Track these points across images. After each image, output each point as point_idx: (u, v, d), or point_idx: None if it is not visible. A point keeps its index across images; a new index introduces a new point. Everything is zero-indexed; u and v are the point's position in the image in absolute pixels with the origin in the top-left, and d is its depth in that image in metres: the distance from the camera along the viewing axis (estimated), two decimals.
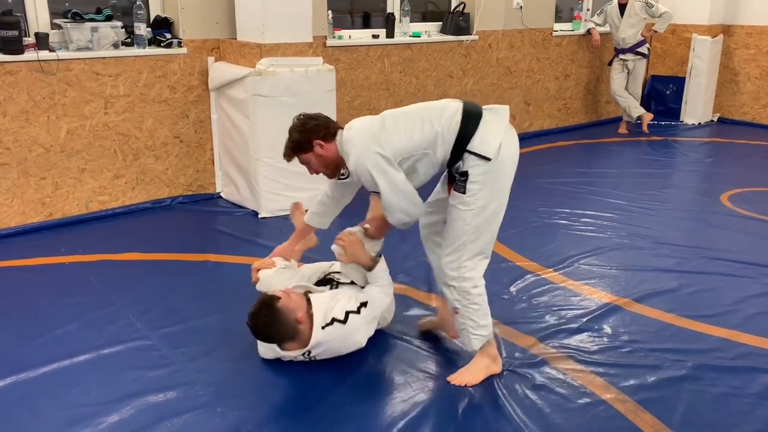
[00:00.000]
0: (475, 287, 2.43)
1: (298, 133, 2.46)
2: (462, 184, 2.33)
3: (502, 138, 2.32)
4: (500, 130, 2.35)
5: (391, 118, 2.40)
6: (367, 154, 2.31)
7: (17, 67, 3.76)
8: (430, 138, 2.33)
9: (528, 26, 6.31)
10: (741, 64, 7.28)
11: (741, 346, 2.78)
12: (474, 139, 2.31)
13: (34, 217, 4.01)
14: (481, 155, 2.30)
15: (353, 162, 2.34)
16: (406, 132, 2.34)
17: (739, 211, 4.50)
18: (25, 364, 2.57)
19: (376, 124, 2.38)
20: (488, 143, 2.31)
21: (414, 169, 2.38)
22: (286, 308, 2.44)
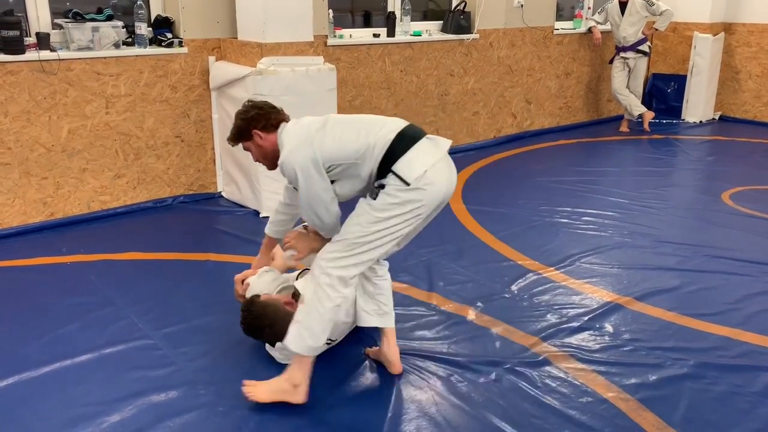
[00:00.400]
0: (332, 288, 2.25)
1: (239, 120, 2.46)
2: (376, 193, 2.26)
3: (428, 167, 2.23)
4: (430, 159, 2.26)
5: (333, 123, 2.35)
6: (297, 153, 2.27)
7: (18, 67, 3.76)
8: (361, 149, 2.26)
9: (529, 25, 6.30)
10: (742, 62, 7.27)
11: (743, 344, 2.78)
12: (399, 162, 2.23)
13: (35, 216, 4.01)
14: (401, 177, 2.21)
15: (283, 156, 2.31)
16: (341, 139, 2.28)
17: (740, 209, 4.50)
18: (27, 364, 2.57)
19: (316, 125, 2.34)
20: (412, 168, 2.22)
21: (342, 177, 2.31)
22: (269, 299, 2.48)
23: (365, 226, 2.24)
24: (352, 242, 2.25)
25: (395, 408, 2.35)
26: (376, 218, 2.23)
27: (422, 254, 3.61)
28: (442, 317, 2.99)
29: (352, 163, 2.28)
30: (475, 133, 6.18)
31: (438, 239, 3.84)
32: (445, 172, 2.31)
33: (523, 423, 2.27)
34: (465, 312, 3.04)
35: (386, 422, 2.28)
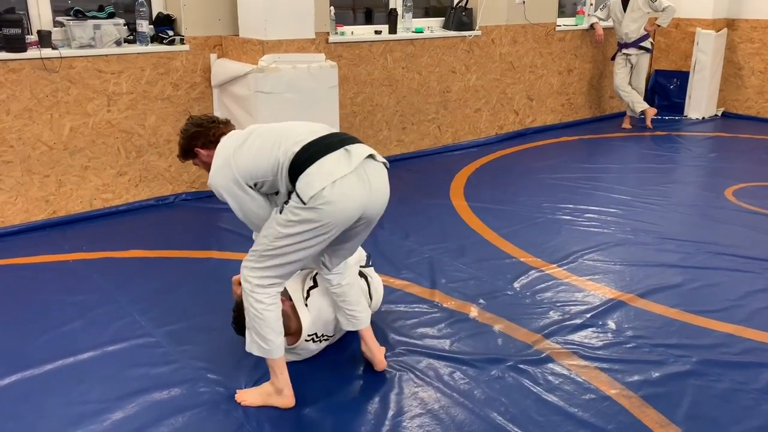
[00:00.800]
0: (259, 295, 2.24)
1: (180, 139, 2.47)
2: (281, 207, 2.19)
3: (327, 185, 2.08)
4: (332, 175, 2.10)
5: (255, 136, 2.26)
6: (218, 175, 2.24)
7: (20, 65, 3.76)
8: (274, 165, 2.17)
9: (531, 21, 6.29)
10: (745, 59, 7.25)
11: (746, 341, 2.77)
12: (301, 177, 2.11)
13: (37, 214, 4.02)
14: (298, 195, 2.10)
15: (210, 177, 2.29)
16: (256, 156, 2.20)
17: (743, 205, 4.49)
18: (29, 362, 2.58)
19: (237, 141, 2.27)
20: (310, 185, 2.09)
21: (273, 191, 2.26)
22: None
23: (271, 240, 2.18)
24: (262, 254, 2.21)
25: (398, 405, 2.35)
26: (279, 233, 2.15)
27: (424, 251, 3.61)
28: (445, 314, 2.99)
29: (272, 180, 2.20)
30: (477, 130, 6.17)
31: (440, 236, 3.83)
32: (354, 188, 2.14)
33: (525, 420, 2.27)
34: (467, 309, 3.03)
35: (389, 419, 2.27)
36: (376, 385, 2.48)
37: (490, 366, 2.58)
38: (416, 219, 4.12)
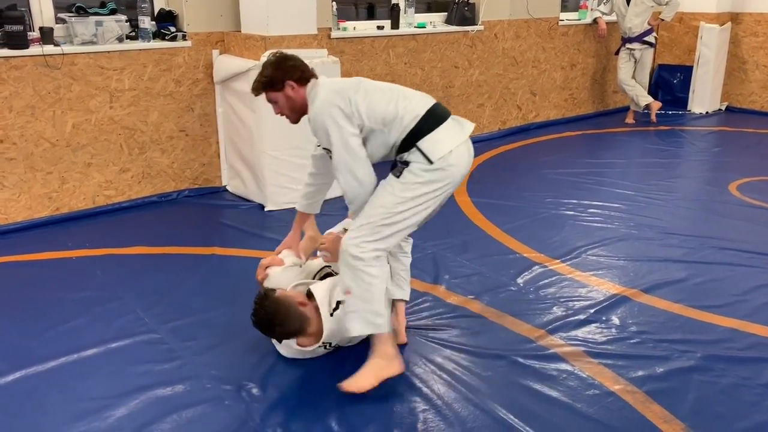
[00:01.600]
0: (370, 267, 2.28)
1: (272, 70, 2.40)
2: (400, 170, 2.30)
3: (453, 148, 2.28)
4: (455, 140, 2.31)
5: (366, 84, 2.39)
6: (328, 105, 2.29)
7: (22, 61, 3.76)
8: (390, 117, 2.29)
9: (534, 16, 6.26)
10: (749, 53, 7.22)
11: (750, 336, 2.77)
12: (425, 139, 2.28)
13: (41, 211, 4.02)
14: (426, 155, 2.26)
15: (314, 110, 2.31)
16: (372, 102, 2.31)
17: (747, 200, 4.47)
18: (33, 359, 2.58)
19: (349, 83, 2.38)
20: (437, 147, 2.27)
21: (366, 141, 2.33)
22: (284, 296, 2.45)
23: (390, 207, 2.27)
24: (379, 225, 2.28)
25: (401, 400, 2.35)
26: (402, 198, 2.27)
27: (427, 247, 3.60)
28: (448, 310, 2.99)
29: (378, 130, 2.31)
30: (480, 125, 6.16)
31: (443, 232, 3.82)
32: (466, 155, 2.36)
33: (529, 416, 2.26)
34: (470, 305, 3.03)
35: (392, 415, 2.27)
36: None
37: (493, 361, 2.58)
38: None
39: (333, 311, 2.47)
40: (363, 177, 2.31)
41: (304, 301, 2.46)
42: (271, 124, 4.14)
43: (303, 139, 4.26)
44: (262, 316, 2.43)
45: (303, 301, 2.46)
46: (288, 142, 4.23)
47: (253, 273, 3.35)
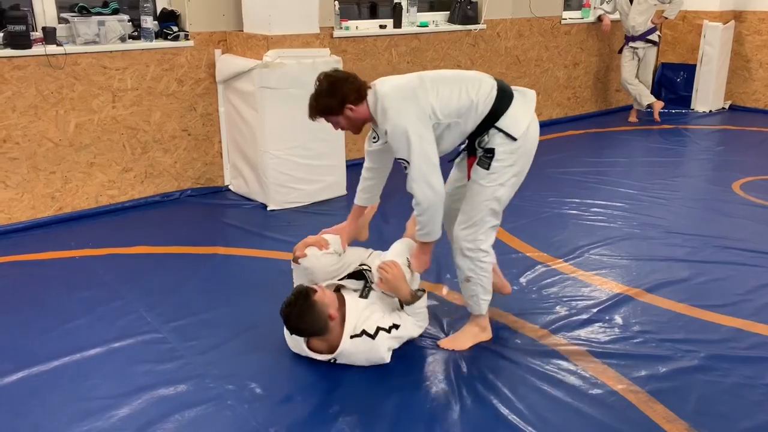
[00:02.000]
0: (487, 256, 2.56)
1: (328, 98, 2.39)
2: (487, 161, 2.40)
3: (530, 120, 2.42)
4: (528, 113, 2.44)
5: (429, 80, 2.39)
6: (404, 116, 2.30)
7: (25, 61, 3.77)
8: (465, 106, 2.35)
9: (536, 14, 6.25)
10: (753, 51, 7.20)
11: (754, 335, 2.76)
12: (504, 118, 2.38)
13: (44, 211, 4.03)
14: (509, 134, 2.37)
15: (391, 121, 2.32)
16: (444, 96, 2.35)
17: (751, 199, 4.46)
18: (36, 358, 2.58)
19: (413, 82, 2.37)
20: (517, 124, 2.39)
21: (441, 137, 2.40)
22: (321, 302, 2.41)
23: (490, 197, 2.44)
24: (487, 217, 2.47)
25: (403, 400, 2.34)
26: (499, 185, 2.43)
27: None
28: (450, 309, 2.98)
29: (454, 123, 2.37)
30: None
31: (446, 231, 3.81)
32: (536, 126, 2.48)
33: (532, 415, 2.26)
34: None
35: (395, 414, 2.27)
36: (379, 379, 2.47)
37: (496, 361, 2.58)
38: None
39: (354, 336, 2.44)
40: (438, 186, 2.37)
41: (334, 315, 2.43)
42: (273, 123, 4.15)
43: (305, 138, 4.27)
44: (293, 311, 2.40)
45: (333, 315, 2.43)
46: (290, 142, 4.23)
47: (257, 272, 3.36)
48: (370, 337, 2.44)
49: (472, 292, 2.61)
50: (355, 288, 2.66)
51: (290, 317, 2.42)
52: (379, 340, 2.44)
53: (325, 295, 2.47)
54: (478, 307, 2.64)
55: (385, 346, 2.47)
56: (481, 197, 2.45)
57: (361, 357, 2.47)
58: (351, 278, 2.72)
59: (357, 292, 2.64)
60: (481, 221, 2.48)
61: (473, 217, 2.48)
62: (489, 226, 2.51)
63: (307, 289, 2.44)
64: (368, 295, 2.62)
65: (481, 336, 2.68)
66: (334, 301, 2.49)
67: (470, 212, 2.48)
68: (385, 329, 2.47)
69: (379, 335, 2.45)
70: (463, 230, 2.51)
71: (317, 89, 2.42)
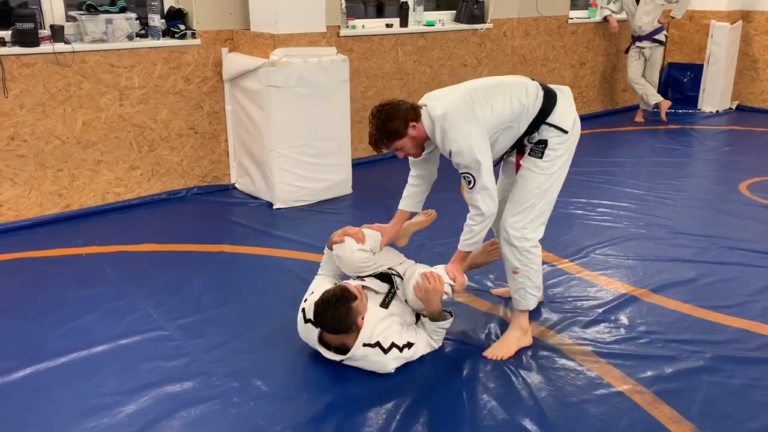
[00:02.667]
0: (536, 247, 2.59)
1: (393, 121, 2.44)
2: (540, 150, 2.52)
3: (575, 115, 2.58)
4: (573, 108, 2.60)
5: (479, 94, 2.46)
6: (469, 135, 2.38)
7: (33, 59, 3.78)
8: (518, 112, 2.47)
9: (543, 14, 6.24)
10: (760, 51, 7.17)
11: (760, 337, 2.75)
12: (554, 114, 2.51)
13: (51, 208, 4.04)
14: (560, 128, 2.51)
15: (456, 143, 2.39)
16: (497, 109, 2.45)
17: (757, 200, 4.44)
18: (43, 354, 2.60)
19: (467, 101, 2.43)
20: (567, 117, 2.54)
21: (495, 141, 2.49)
22: (356, 310, 2.41)
23: (544, 186, 2.53)
24: (537, 206, 2.54)
25: (407, 400, 2.35)
26: (550, 174, 2.53)
27: (434, 246, 3.60)
28: (456, 308, 2.98)
29: (507, 128, 2.48)
30: None
31: (451, 231, 3.79)
32: (578, 119, 2.62)
33: (537, 414, 2.26)
34: (478, 303, 3.02)
35: (399, 413, 2.27)
36: (387, 379, 2.47)
37: (501, 360, 2.58)
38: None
39: (367, 344, 2.43)
40: (497, 198, 2.50)
41: (361, 324, 2.43)
42: (279, 122, 4.16)
43: (311, 137, 4.28)
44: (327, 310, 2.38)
45: (360, 324, 2.43)
46: (297, 141, 4.23)
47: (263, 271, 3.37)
48: (383, 350, 2.43)
49: (519, 285, 2.62)
50: (377, 290, 2.65)
51: (322, 312, 2.40)
52: (390, 355, 2.44)
53: (362, 302, 2.46)
54: (525, 301, 2.64)
55: (394, 362, 2.47)
56: (532, 184, 2.53)
57: (369, 365, 2.48)
58: (376, 279, 2.70)
59: (379, 296, 2.62)
60: (530, 209, 2.53)
61: (523, 204, 2.54)
62: (536, 214, 2.55)
63: (350, 294, 2.41)
64: (389, 304, 2.60)
65: (523, 340, 2.64)
66: (366, 309, 2.48)
67: (520, 199, 2.55)
68: (398, 347, 2.47)
69: (392, 351, 2.45)
70: (512, 217, 2.56)
71: (378, 119, 2.47)
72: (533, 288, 2.63)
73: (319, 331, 2.50)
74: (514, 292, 2.66)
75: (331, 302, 2.38)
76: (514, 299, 2.67)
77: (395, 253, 2.85)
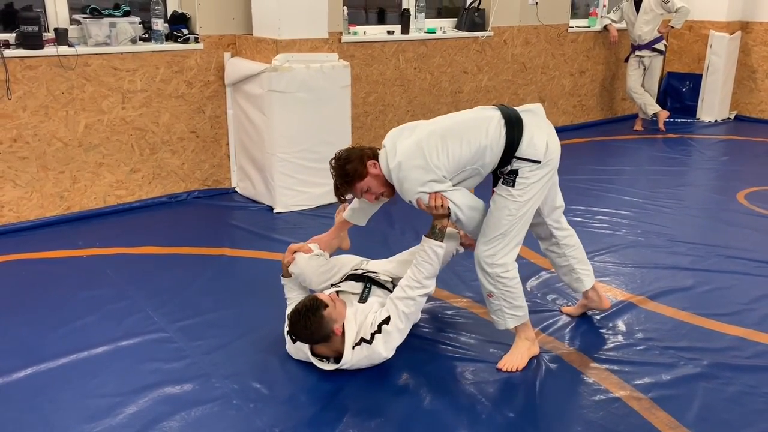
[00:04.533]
0: (507, 271, 2.51)
1: (349, 164, 2.43)
2: (511, 179, 2.43)
3: (546, 137, 2.43)
4: (543, 130, 2.44)
5: (437, 138, 2.39)
6: (423, 187, 2.38)
7: (37, 62, 3.81)
8: (478, 153, 2.39)
9: (543, 22, 6.28)
10: (759, 62, 7.21)
11: (757, 344, 2.77)
12: (521, 146, 2.40)
13: (52, 210, 4.06)
14: (531, 160, 2.40)
15: (411, 193, 2.40)
16: (453, 153, 2.38)
17: (755, 209, 4.47)
18: (44, 356, 2.61)
19: (422, 149, 2.37)
20: (535, 146, 2.40)
21: (462, 181, 2.47)
22: (329, 318, 2.42)
23: (518, 215, 2.44)
24: (509, 232, 2.46)
25: (404, 403, 2.36)
26: (522, 202, 2.44)
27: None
28: (452, 313, 3.00)
29: (470, 169, 2.43)
30: None
31: None
32: (554, 136, 2.48)
33: (534, 420, 2.27)
34: (477, 309, 3.04)
35: (397, 412, 2.28)
36: (385, 381, 2.49)
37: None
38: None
39: (355, 345, 2.46)
40: (480, 206, 2.52)
41: (338, 330, 2.45)
42: (281, 126, 4.18)
43: (312, 141, 4.30)
44: (298, 321, 2.42)
45: (337, 330, 2.44)
46: (298, 145, 4.26)
47: (262, 274, 3.38)
48: (368, 343, 2.46)
49: (496, 306, 2.56)
50: (354, 291, 2.67)
51: (296, 324, 2.44)
52: (376, 343, 2.46)
53: (336, 309, 2.47)
54: (504, 321, 2.57)
55: (381, 346, 2.47)
56: (504, 211, 2.44)
57: (363, 362, 2.49)
58: (350, 281, 2.72)
59: (356, 296, 2.64)
60: (502, 236, 2.46)
61: (494, 231, 2.46)
62: (507, 241, 2.47)
63: (320, 303, 2.43)
64: (367, 299, 2.62)
65: (532, 350, 2.62)
66: (342, 315, 2.49)
67: (492, 227, 2.47)
68: (378, 330, 2.47)
69: (375, 339, 2.46)
70: (483, 245, 2.50)
71: (335, 166, 2.47)
72: (511, 308, 2.55)
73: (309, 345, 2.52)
74: (492, 313, 2.61)
75: (302, 313, 2.42)
76: (493, 319, 2.62)
77: (353, 256, 2.89)
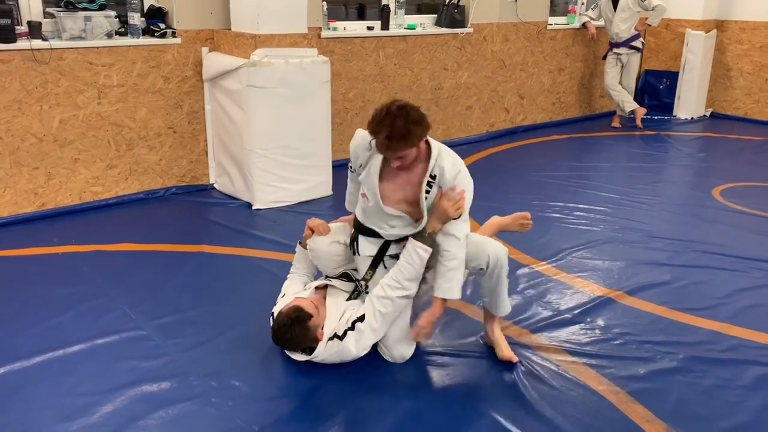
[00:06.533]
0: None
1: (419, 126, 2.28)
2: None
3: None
4: None
5: None
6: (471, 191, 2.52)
7: (10, 56, 3.74)
8: None
9: (523, 19, 6.31)
10: (734, 60, 7.31)
11: (731, 338, 2.81)
12: None
13: (26, 207, 3.99)
14: None
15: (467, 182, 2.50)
16: None
17: (730, 205, 4.53)
18: (18, 354, 2.57)
19: None
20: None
21: None
22: (313, 326, 2.44)
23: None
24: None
25: (387, 400, 2.36)
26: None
27: None
28: None
29: None
30: (468, 127, 6.19)
31: None
32: None
33: (513, 415, 2.28)
34: (456, 305, 3.05)
35: (377, 410, 2.28)
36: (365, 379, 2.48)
37: (478, 361, 2.60)
38: None
39: (329, 339, 2.46)
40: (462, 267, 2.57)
41: (320, 336, 2.46)
42: (259, 122, 4.15)
43: (292, 138, 4.28)
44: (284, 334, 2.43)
45: (320, 336, 2.46)
46: (277, 141, 4.23)
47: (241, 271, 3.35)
48: (339, 339, 2.46)
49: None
50: (344, 289, 2.66)
51: (279, 332, 2.45)
52: (347, 340, 2.46)
53: (319, 315, 2.48)
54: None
55: (352, 344, 2.46)
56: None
57: (334, 357, 2.49)
58: (342, 279, 2.72)
59: (345, 293, 2.64)
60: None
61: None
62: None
63: (304, 314, 2.44)
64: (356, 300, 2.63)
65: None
66: (324, 317, 2.50)
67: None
68: (351, 328, 2.46)
69: (347, 336, 2.46)
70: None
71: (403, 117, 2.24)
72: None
73: None
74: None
75: (286, 325, 2.43)
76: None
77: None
